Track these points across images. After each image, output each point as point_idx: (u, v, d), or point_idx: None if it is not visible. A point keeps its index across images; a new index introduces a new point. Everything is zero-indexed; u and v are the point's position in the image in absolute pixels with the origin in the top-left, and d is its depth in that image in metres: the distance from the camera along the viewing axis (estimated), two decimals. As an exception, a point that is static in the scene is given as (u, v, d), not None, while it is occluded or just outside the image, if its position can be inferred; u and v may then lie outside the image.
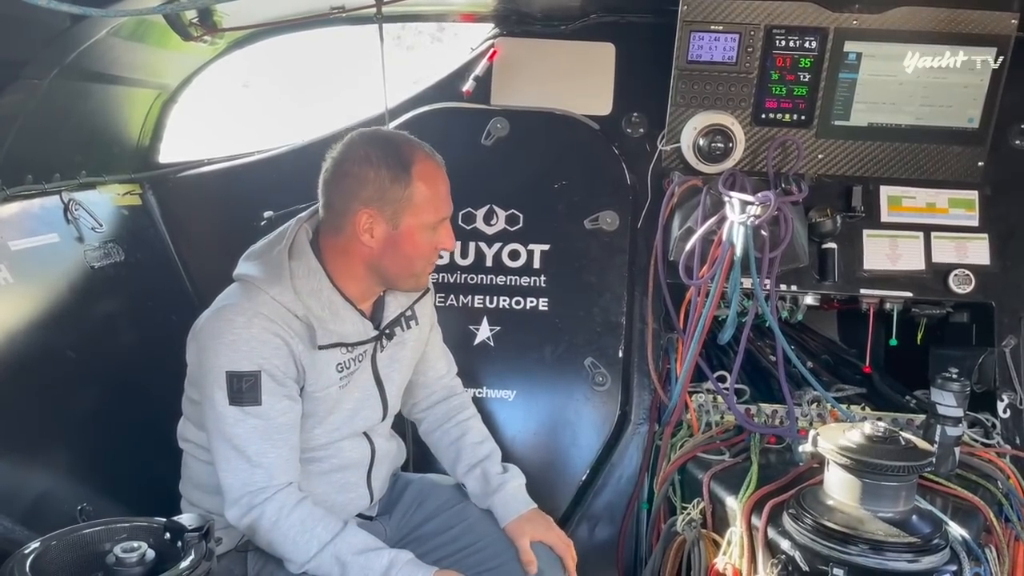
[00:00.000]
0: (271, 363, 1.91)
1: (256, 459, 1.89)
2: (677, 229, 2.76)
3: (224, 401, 1.88)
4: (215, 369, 1.89)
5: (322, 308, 1.98)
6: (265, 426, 1.91)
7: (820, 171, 2.83)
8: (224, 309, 1.94)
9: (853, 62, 2.70)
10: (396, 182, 1.95)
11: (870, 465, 1.90)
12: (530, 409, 2.83)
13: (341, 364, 2.06)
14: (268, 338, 1.90)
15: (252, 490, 1.89)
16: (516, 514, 2.23)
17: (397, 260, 2.02)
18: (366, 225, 1.96)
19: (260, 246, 2.08)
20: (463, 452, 2.34)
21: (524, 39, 2.96)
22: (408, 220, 1.98)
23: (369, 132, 2.07)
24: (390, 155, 1.96)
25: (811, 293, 2.79)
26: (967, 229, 2.79)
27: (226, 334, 1.90)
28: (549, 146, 2.91)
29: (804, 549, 1.94)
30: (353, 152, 1.99)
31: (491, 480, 2.28)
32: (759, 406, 2.69)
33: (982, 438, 2.62)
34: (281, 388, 1.94)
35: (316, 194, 2.83)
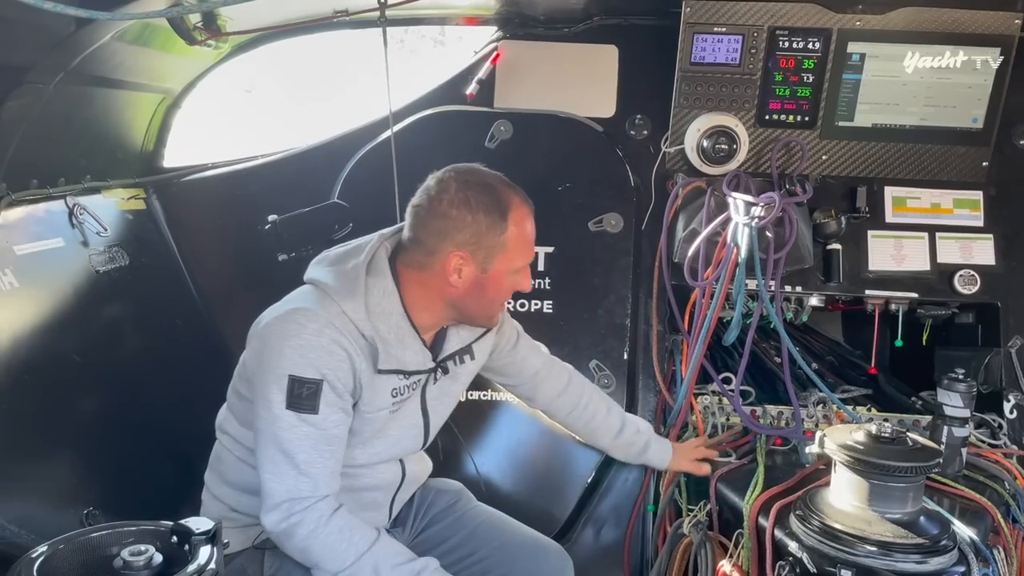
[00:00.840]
0: (334, 374, 1.89)
1: (304, 467, 1.87)
2: (681, 231, 2.76)
3: (281, 403, 1.86)
4: (277, 370, 1.87)
5: (389, 331, 1.96)
6: (318, 435, 1.89)
7: (824, 172, 2.83)
8: (296, 312, 1.91)
9: (857, 63, 2.70)
10: (493, 228, 1.93)
11: (877, 466, 1.89)
12: (536, 413, 2.81)
13: (396, 390, 2.04)
14: (335, 350, 1.89)
15: (296, 497, 1.86)
16: (665, 461, 2.50)
17: (479, 301, 2.02)
18: (455, 267, 1.95)
19: (337, 254, 2.05)
20: (599, 434, 2.51)
21: (527, 42, 2.97)
22: (498, 265, 1.97)
23: (466, 172, 2.01)
24: (489, 200, 1.94)
25: (816, 294, 2.78)
26: (972, 229, 2.79)
27: (294, 337, 1.88)
28: (553, 149, 2.91)
29: (811, 551, 1.93)
30: (451, 193, 1.94)
31: (634, 447, 2.49)
32: (765, 408, 2.68)
33: (989, 439, 2.62)
34: (339, 400, 1.92)
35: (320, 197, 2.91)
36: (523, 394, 2.47)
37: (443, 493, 2.37)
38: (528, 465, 2.85)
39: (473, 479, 2.73)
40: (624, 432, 2.49)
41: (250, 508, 2.06)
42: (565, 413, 2.48)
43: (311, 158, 2.98)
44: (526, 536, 2.34)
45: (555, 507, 2.77)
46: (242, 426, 2.06)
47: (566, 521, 2.76)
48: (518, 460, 2.84)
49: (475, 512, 2.38)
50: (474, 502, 2.41)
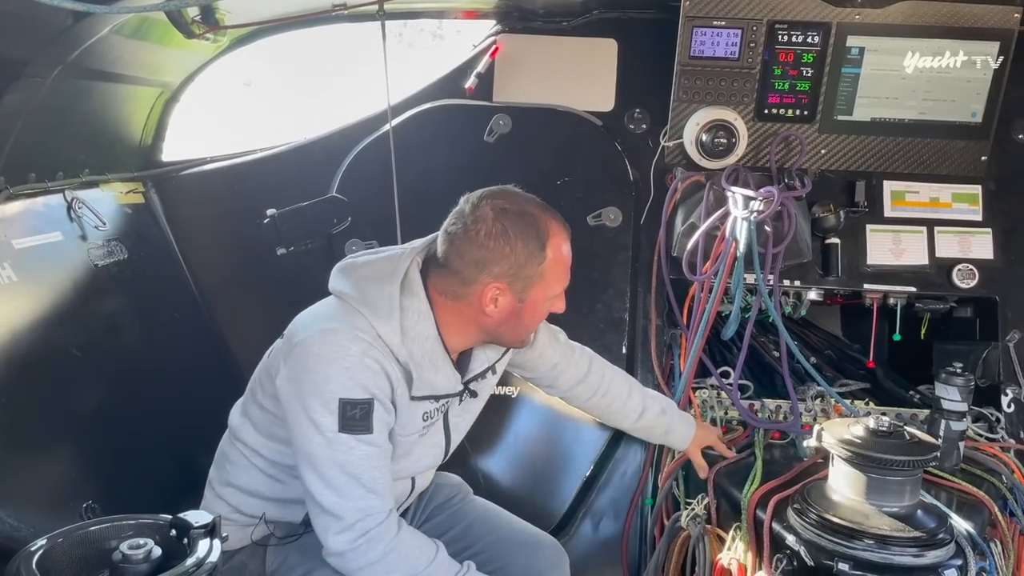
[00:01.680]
0: (382, 392, 1.88)
1: (370, 485, 1.85)
2: (680, 225, 2.76)
3: (334, 427, 1.83)
4: (325, 394, 1.83)
5: (423, 355, 1.93)
6: (375, 453, 1.87)
7: (823, 166, 2.83)
8: (336, 333, 1.86)
9: (856, 57, 2.69)
10: (531, 258, 1.89)
11: (875, 460, 1.90)
12: (533, 406, 2.83)
13: (427, 414, 2.03)
14: (379, 369, 1.87)
15: (369, 515, 1.84)
16: (686, 443, 2.48)
17: (514, 329, 1.99)
18: (492, 297, 1.91)
19: (367, 267, 1.98)
20: (619, 418, 2.49)
21: (526, 35, 2.96)
22: (535, 294, 1.94)
23: (502, 198, 1.92)
24: (528, 230, 1.88)
25: (814, 288, 2.78)
26: (970, 224, 2.79)
27: (340, 360, 1.84)
28: (551, 142, 2.91)
29: (809, 544, 1.94)
30: (488, 224, 1.87)
31: (656, 430, 2.48)
32: (763, 402, 2.69)
33: (986, 432, 2.62)
34: (387, 415, 1.91)
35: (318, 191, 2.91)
36: (542, 384, 2.45)
37: (442, 487, 2.38)
38: (527, 459, 2.86)
39: (472, 473, 2.74)
40: (645, 415, 2.46)
41: (253, 510, 2.08)
42: (584, 399, 2.46)
43: (310, 152, 2.98)
44: (522, 531, 2.34)
45: (553, 500, 2.78)
46: (260, 435, 2.05)
47: (564, 514, 2.77)
48: (517, 454, 2.85)
49: (472, 506, 2.38)
50: (471, 496, 2.42)
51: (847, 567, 1.85)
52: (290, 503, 2.07)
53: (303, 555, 2.02)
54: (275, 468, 2.05)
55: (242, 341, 2.90)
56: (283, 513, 2.08)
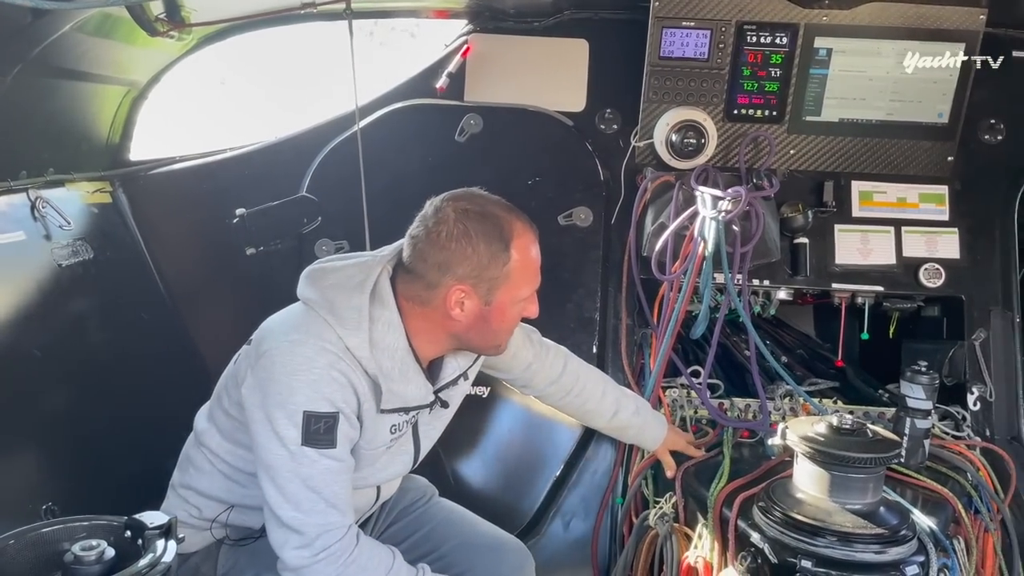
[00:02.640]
0: (348, 406, 1.85)
1: (332, 500, 1.83)
2: (650, 225, 2.77)
3: (297, 440, 1.80)
4: (289, 406, 1.80)
5: (393, 366, 1.90)
6: (338, 467, 1.85)
7: (792, 166, 2.85)
8: (303, 345, 1.83)
9: (823, 58, 2.71)
10: (495, 259, 1.85)
11: (837, 457, 1.91)
12: (504, 405, 2.83)
13: (396, 426, 2.00)
14: (345, 382, 1.84)
15: (330, 530, 1.82)
16: (657, 444, 2.49)
17: (484, 334, 1.96)
18: (457, 301, 1.88)
19: (336, 275, 1.94)
20: (593, 417, 2.49)
21: (497, 35, 2.96)
22: (501, 296, 1.90)
23: (464, 199, 1.90)
24: (490, 230, 1.85)
25: (783, 288, 2.80)
26: (937, 223, 2.82)
27: (305, 372, 1.81)
28: (523, 142, 2.91)
29: (773, 541, 1.95)
30: (449, 225, 1.85)
31: (629, 430, 2.49)
32: (732, 400, 2.70)
33: (953, 431, 2.65)
34: (351, 430, 1.88)
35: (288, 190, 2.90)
36: (517, 384, 2.44)
37: (407, 491, 2.36)
38: (498, 459, 2.85)
39: (442, 473, 2.73)
40: (619, 415, 2.45)
41: (214, 514, 2.05)
42: (558, 399, 2.45)
43: (280, 151, 2.96)
44: (486, 534, 2.34)
45: (524, 500, 2.77)
46: (225, 440, 2.02)
47: (535, 514, 2.76)
48: (487, 454, 2.85)
49: (437, 509, 2.38)
50: (437, 498, 2.41)
51: (810, 564, 1.86)
52: (252, 509, 2.05)
53: (253, 559, 2.00)
54: (239, 474, 2.03)
55: (210, 342, 2.87)
56: (244, 519, 2.06)
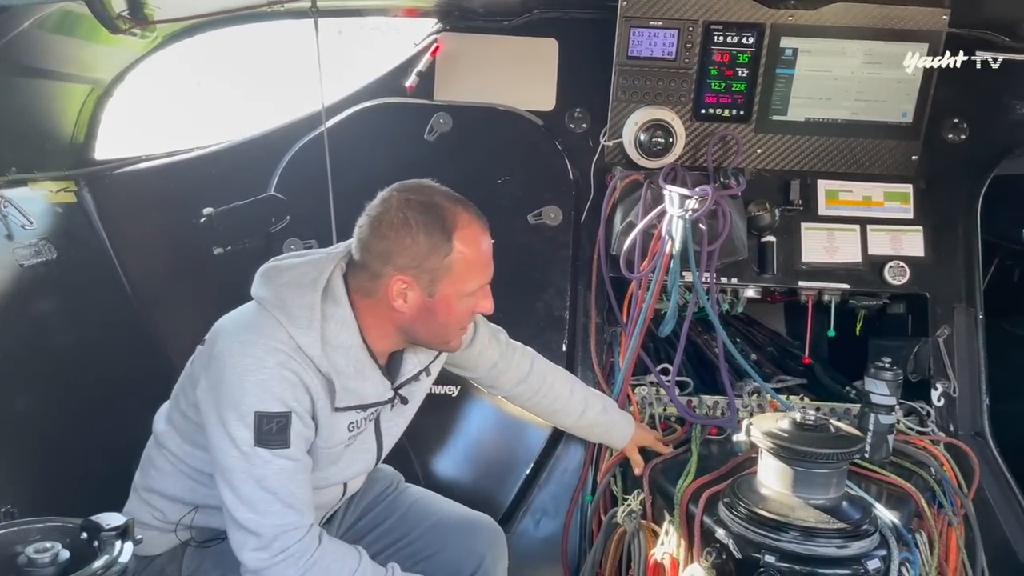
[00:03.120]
0: (301, 405, 1.84)
1: (288, 500, 1.82)
2: (619, 224, 2.78)
3: (249, 441, 1.79)
4: (241, 407, 1.79)
5: (348, 364, 1.89)
6: (293, 467, 1.84)
7: (759, 165, 2.87)
8: (253, 345, 1.82)
9: (790, 58, 2.74)
10: (435, 250, 1.83)
11: (800, 453, 1.92)
12: (474, 404, 2.83)
13: (354, 424, 1.99)
14: (296, 381, 1.83)
15: (286, 531, 1.81)
16: (624, 442, 2.50)
17: (430, 327, 1.93)
18: (399, 292, 1.87)
19: (289, 273, 1.93)
20: (560, 417, 2.49)
21: (467, 34, 2.96)
22: (445, 289, 1.87)
23: (410, 189, 1.90)
24: (431, 220, 1.83)
25: (751, 286, 2.82)
26: (902, 222, 2.85)
27: (255, 372, 1.80)
28: (492, 141, 2.91)
29: (738, 537, 1.96)
30: (391, 214, 1.85)
31: (596, 428, 2.49)
32: (700, 398, 2.72)
33: (917, 426, 2.68)
34: (305, 429, 1.87)
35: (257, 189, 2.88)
36: (483, 384, 2.44)
37: (375, 481, 2.36)
38: (468, 458, 2.85)
39: (412, 472, 2.72)
40: (586, 414, 2.46)
41: (178, 516, 2.04)
42: (525, 399, 2.45)
43: (248, 150, 2.94)
44: (458, 513, 2.35)
45: (495, 499, 2.77)
46: (185, 443, 2.00)
47: (505, 512, 2.76)
48: (458, 453, 2.84)
49: (407, 495, 2.38)
50: (404, 484, 2.42)
51: (773, 559, 1.88)
52: (216, 510, 2.02)
53: (219, 560, 1.99)
54: (200, 475, 2.01)
55: (177, 343, 2.82)
56: (208, 520, 2.05)
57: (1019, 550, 2.63)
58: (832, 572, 1.87)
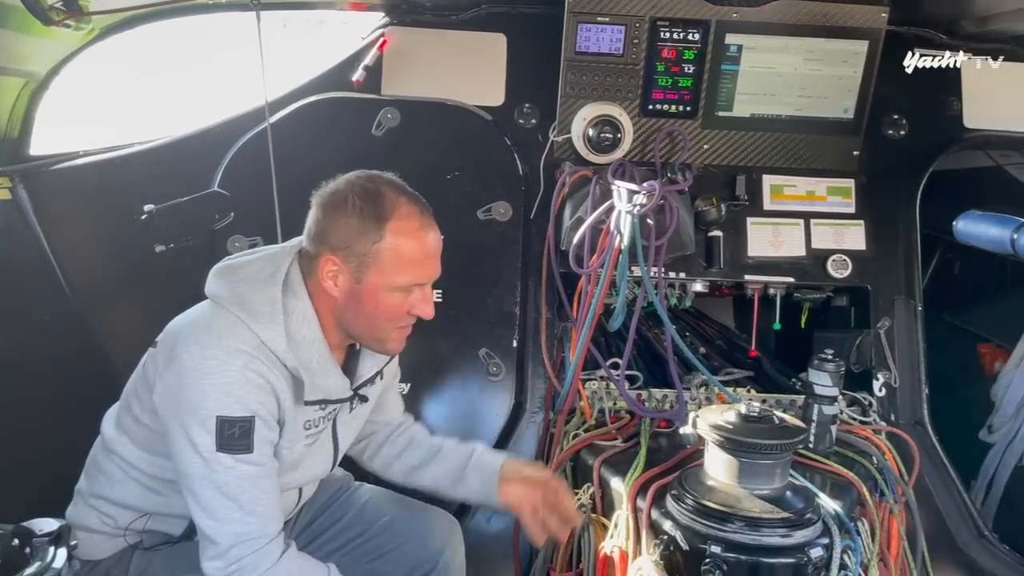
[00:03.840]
0: (265, 408, 1.80)
1: (249, 507, 1.78)
2: (568, 219, 2.78)
3: (211, 446, 1.75)
4: (201, 411, 1.75)
5: (312, 359, 1.87)
6: (256, 473, 1.80)
7: (706, 161, 2.90)
8: (214, 347, 1.78)
9: (735, 54, 2.77)
10: (365, 235, 1.82)
11: (745, 444, 1.95)
12: (425, 401, 2.81)
13: (310, 422, 1.95)
14: (262, 383, 1.80)
15: (245, 540, 1.77)
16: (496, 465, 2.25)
17: (358, 317, 1.90)
18: (329, 272, 1.85)
19: (246, 269, 1.90)
20: (450, 470, 2.25)
21: (415, 28, 2.93)
22: (372, 277, 1.84)
23: (364, 176, 1.90)
24: (368, 205, 1.82)
25: (698, 280, 2.85)
26: (844, 216, 2.91)
27: (216, 375, 1.76)
28: (441, 137, 2.89)
29: (685, 529, 1.98)
30: (335, 194, 1.86)
31: (487, 484, 2.21)
32: (650, 391, 2.74)
33: (860, 416, 2.74)
34: (270, 433, 1.84)
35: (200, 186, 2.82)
36: (360, 439, 2.30)
37: (327, 483, 2.33)
38: (419, 456, 2.83)
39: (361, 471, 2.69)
40: (461, 483, 2.26)
41: (126, 521, 1.99)
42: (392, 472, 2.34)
43: (190, 145, 2.87)
44: (413, 506, 2.35)
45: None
46: (139, 449, 1.95)
47: (457, 509, 2.74)
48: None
49: (360, 492, 2.37)
50: (356, 483, 2.39)
51: (719, 550, 1.90)
52: (171, 517, 1.99)
53: (168, 562, 1.96)
54: (156, 482, 1.96)
55: (119, 343, 2.76)
56: (161, 526, 2.01)
57: (958, 535, 2.71)
58: (776, 561, 1.90)
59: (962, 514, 2.72)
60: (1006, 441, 3.25)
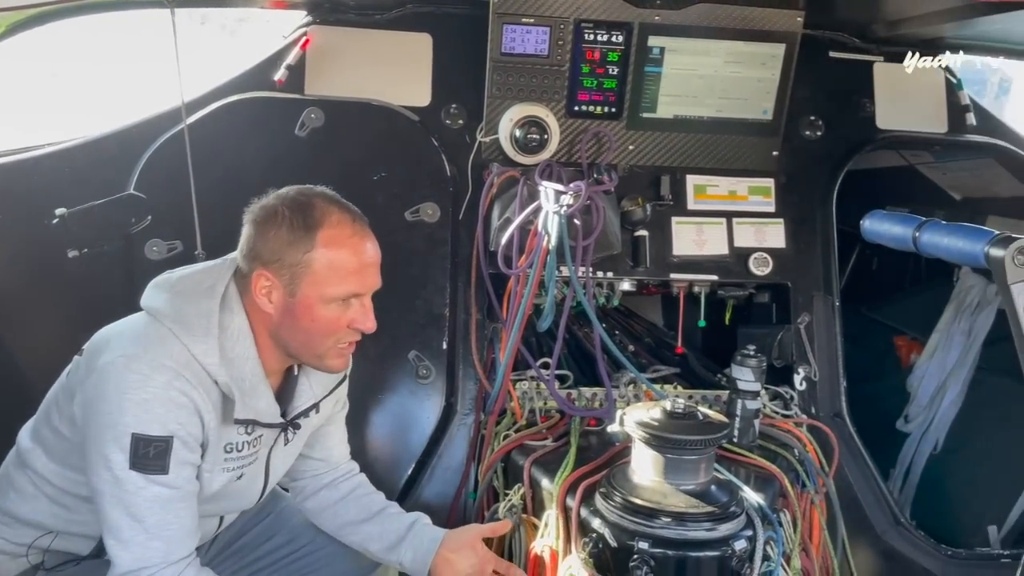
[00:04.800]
0: (185, 429, 1.73)
1: (155, 531, 1.71)
2: (497, 220, 2.78)
3: (123, 464, 1.68)
4: (118, 427, 1.68)
5: (244, 378, 1.81)
6: (169, 495, 1.73)
7: (631, 161, 2.93)
8: (139, 360, 1.71)
9: (657, 56, 2.81)
10: (295, 245, 1.77)
11: (670, 440, 1.98)
12: (354, 405, 2.73)
13: (232, 445, 1.87)
14: (185, 402, 1.72)
15: (144, 566, 1.70)
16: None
17: (295, 333, 1.83)
18: (263, 288, 1.79)
19: (183, 282, 1.85)
20: (384, 534, 2.18)
21: (338, 27, 2.89)
22: (306, 290, 1.78)
23: (296, 189, 1.86)
24: (298, 216, 1.78)
25: (626, 279, 2.88)
26: (765, 215, 2.98)
27: (137, 391, 1.69)
28: (367, 137, 2.85)
29: (613, 526, 2.00)
30: (265, 208, 1.82)
31: (420, 563, 2.14)
32: (580, 390, 2.76)
33: (782, 409, 2.81)
34: (190, 455, 1.76)
35: (115, 188, 2.72)
36: (298, 478, 2.26)
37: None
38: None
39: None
40: (393, 552, 2.18)
41: (31, 539, 1.91)
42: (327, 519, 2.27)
43: (104, 147, 2.76)
44: None
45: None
46: (53, 462, 1.87)
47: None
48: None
49: (292, 508, 2.32)
50: (286, 499, 2.34)
51: (646, 545, 1.92)
52: (78, 536, 1.92)
53: None
54: (66, 497, 1.89)
55: (31, 352, 2.66)
56: (67, 545, 1.93)
57: (876, 523, 2.80)
58: (702, 555, 1.93)
59: (880, 503, 2.81)
60: (921, 430, 3.40)
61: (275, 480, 2.10)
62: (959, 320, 3.35)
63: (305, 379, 2.00)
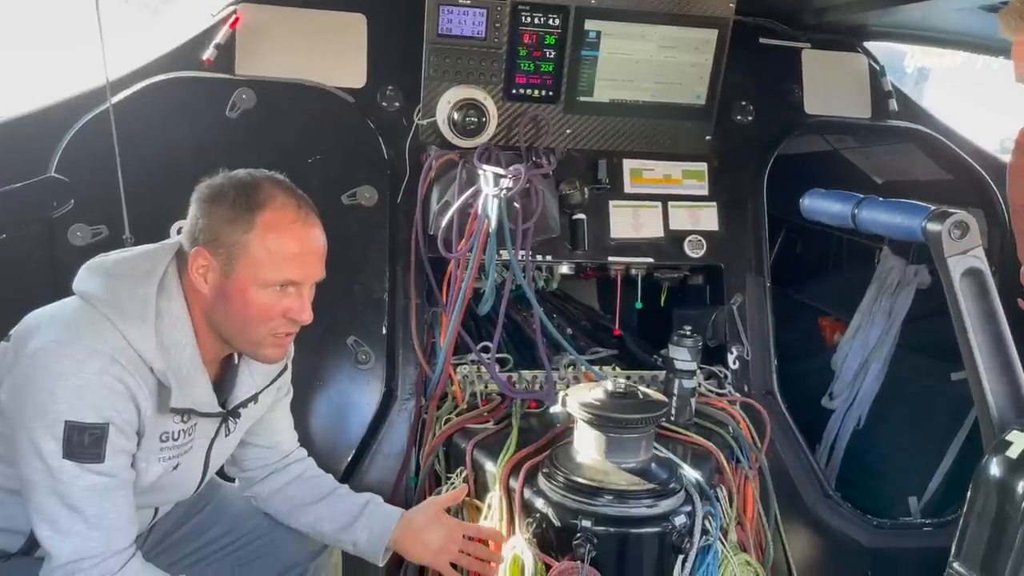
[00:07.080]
0: (121, 416, 1.66)
1: (94, 521, 1.65)
2: (435, 203, 2.76)
3: (57, 453, 1.61)
4: (49, 415, 1.61)
5: (180, 366, 1.74)
6: (106, 483, 1.67)
7: (569, 145, 2.95)
8: (71, 345, 1.64)
9: (594, 40, 2.82)
10: (234, 223, 1.72)
11: (611, 419, 2.02)
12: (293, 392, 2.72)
13: (167, 434, 1.81)
14: (120, 389, 1.66)
15: (84, 556, 1.64)
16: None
17: (229, 317, 1.77)
18: (199, 267, 1.74)
19: (119, 266, 1.78)
20: (337, 515, 2.16)
21: (269, 6, 2.81)
22: (241, 271, 1.73)
23: (246, 171, 1.82)
24: (240, 195, 1.74)
25: (565, 262, 2.90)
26: (698, 198, 3.03)
27: (71, 376, 1.62)
28: (300, 119, 2.78)
29: (556, 505, 2.03)
30: (211, 186, 1.78)
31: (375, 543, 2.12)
32: (520, 373, 2.77)
33: (716, 388, 2.88)
34: (127, 443, 1.70)
35: (34, 171, 2.60)
36: (247, 467, 2.22)
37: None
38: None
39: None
40: (346, 532, 2.16)
41: None
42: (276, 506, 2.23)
43: (22, 127, 2.63)
44: None
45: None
46: None
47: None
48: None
49: (229, 496, 2.27)
50: (224, 487, 2.29)
51: (589, 523, 1.96)
52: (8, 532, 1.84)
53: None
54: None
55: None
56: None
57: (806, 496, 2.90)
58: (643, 531, 1.98)
59: (809, 476, 2.91)
60: (845, 407, 3.53)
61: (213, 470, 2.05)
62: (880, 300, 3.47)
63: (246, 368, 1.96)
